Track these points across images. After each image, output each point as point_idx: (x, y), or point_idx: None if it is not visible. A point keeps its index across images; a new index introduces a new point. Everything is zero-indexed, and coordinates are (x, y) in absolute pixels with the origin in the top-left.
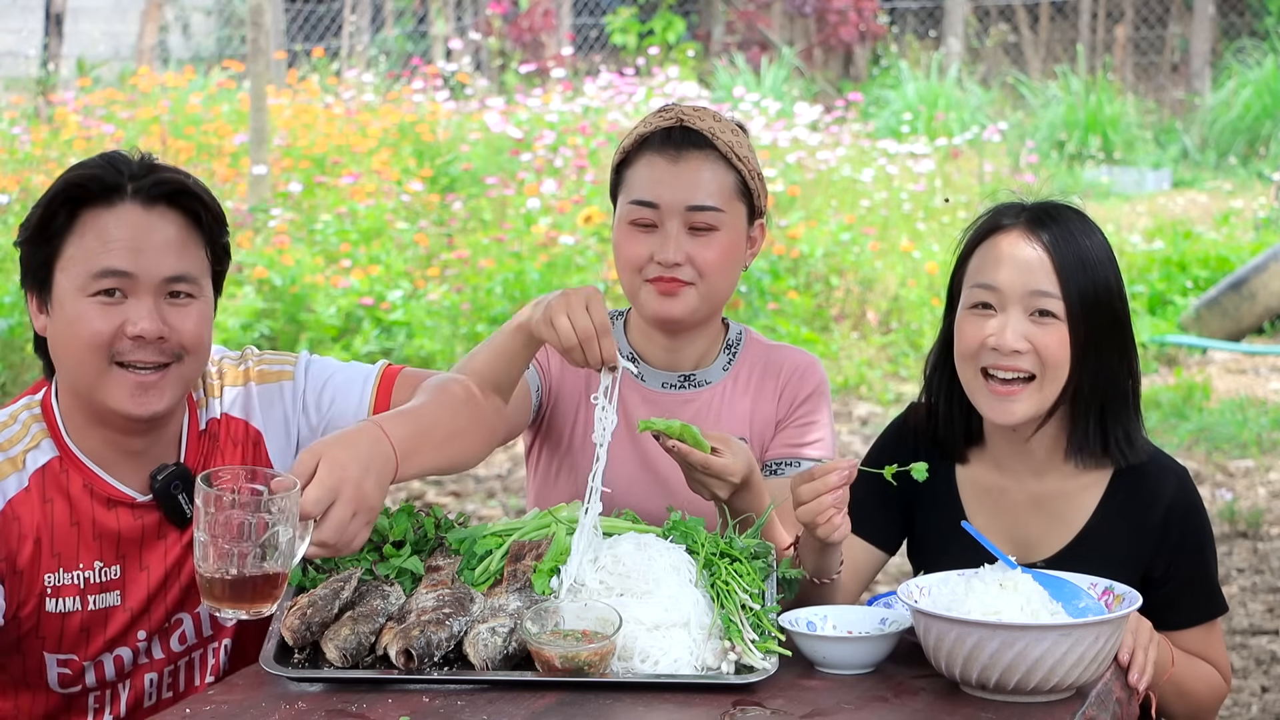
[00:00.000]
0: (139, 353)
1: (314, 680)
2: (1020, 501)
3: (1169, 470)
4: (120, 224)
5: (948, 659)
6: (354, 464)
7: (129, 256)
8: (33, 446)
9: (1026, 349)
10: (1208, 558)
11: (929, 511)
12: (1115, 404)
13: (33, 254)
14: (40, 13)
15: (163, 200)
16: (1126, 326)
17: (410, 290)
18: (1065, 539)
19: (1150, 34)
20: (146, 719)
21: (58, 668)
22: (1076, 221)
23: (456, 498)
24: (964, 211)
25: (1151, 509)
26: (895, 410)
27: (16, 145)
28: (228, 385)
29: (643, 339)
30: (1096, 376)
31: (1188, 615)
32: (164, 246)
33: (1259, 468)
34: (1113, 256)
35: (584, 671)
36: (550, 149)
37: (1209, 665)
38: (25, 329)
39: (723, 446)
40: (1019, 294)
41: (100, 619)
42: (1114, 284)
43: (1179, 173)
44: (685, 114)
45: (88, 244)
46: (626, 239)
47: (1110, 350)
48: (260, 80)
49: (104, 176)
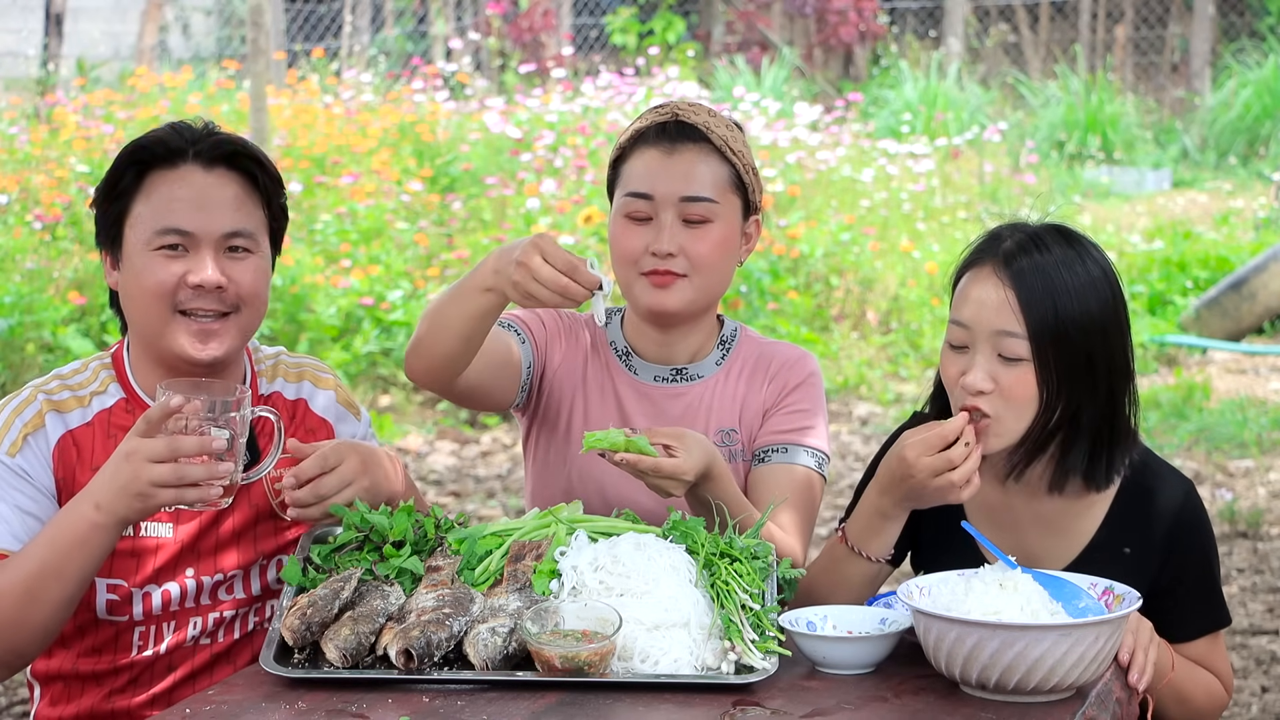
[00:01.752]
0: (199, 301)
1: (314, 680)
2: (1025, 518)
3: (1174, 484)
4: (183, 184)
5: (948, 659)
6: (370, 475)
7: (191, 214)
8: (100, 390)
9: (991, 389)
10: (1213, 570)
11: (932, 515)
12: (1099, 434)
13: (104, 214)
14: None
15: (221, 161)
16: (1115, 353)
17: (410, 290)
18: (1070, 555)
19: (1150, 34)
20: (184, 664)
21: (107, 593)
22: (1062, 250)
23: (456, 498)
24: (964, 211)
25: (1157, 523)
26: (895, 410)
27: (16, 145)
28: (292, 382)
29: (637, 333)
30: (1072, 410)
31: (1191, 627)
32: (222, 204)
33: (1259, 468)
34: (1105, 282)
35: (584, 671)
36: (550, 149)
37: (1210, 674)
38: (25, 329)
39: (676, 443)
40: (986, 333)
41: (150, 547)
42: (1097, 314)
43: (1179, 173)
44: (680, 109)
45: (153, 203)
46: (622, 231)
47: (1088, 384)
48: (260, 80)
49: (169, 141)
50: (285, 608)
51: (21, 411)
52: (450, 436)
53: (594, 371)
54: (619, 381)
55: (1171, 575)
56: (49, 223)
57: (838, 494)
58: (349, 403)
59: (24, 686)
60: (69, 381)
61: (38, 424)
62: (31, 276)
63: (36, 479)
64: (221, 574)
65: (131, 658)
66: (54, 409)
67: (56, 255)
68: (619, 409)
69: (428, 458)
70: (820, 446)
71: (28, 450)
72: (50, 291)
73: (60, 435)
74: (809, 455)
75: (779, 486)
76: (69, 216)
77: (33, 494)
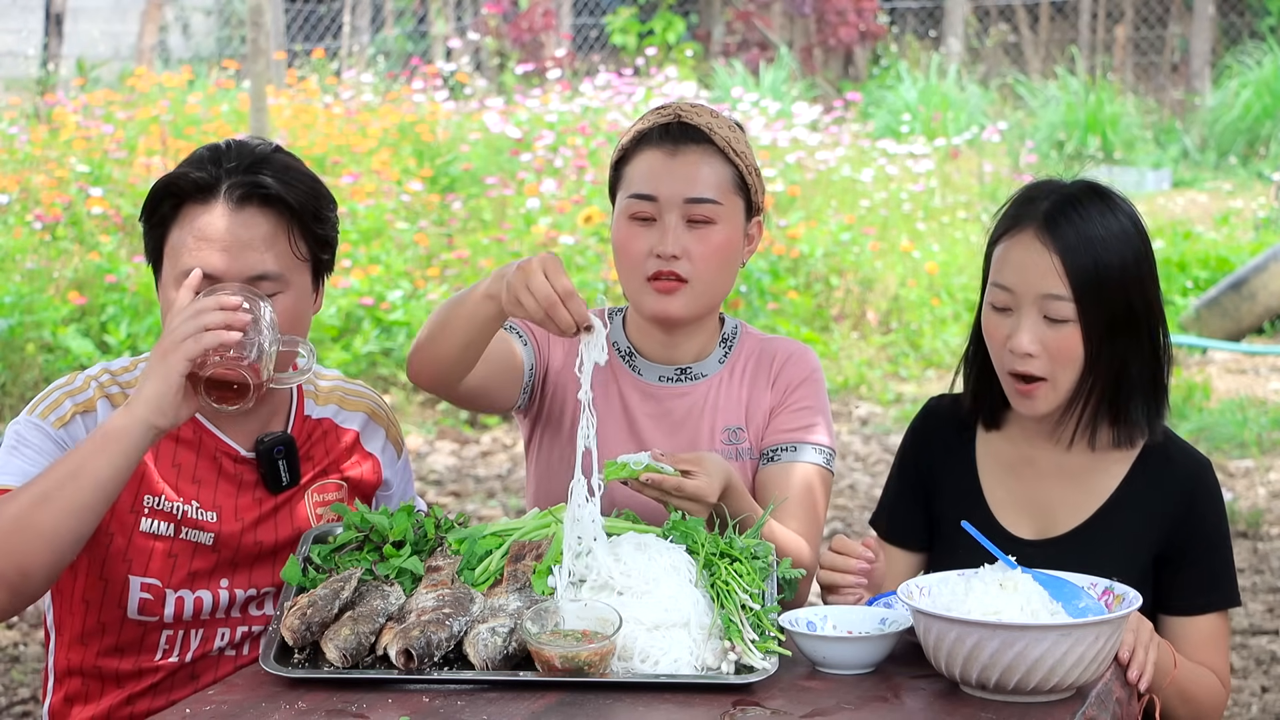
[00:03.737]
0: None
1: (314, 680)
2: (1047, 471)
3: (1194, 459)
4: (212, 224)
5: (948, 659)
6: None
7: (217, 257)
8: None
9: (1039, 352)
10: (1224, 546)
11: (947, 496)
12: (1139, 387)
13: (147, 237)
14: (40, 13)
15: (254, 202)
16: (1152, 300)
17: (410, 290)
18: (1087, 513)
19: (1150, 34)
20: (207, 674)
21: (140, 592)
22: (1096, 206)
23: (456, 498)
24: (963, 211)
25: (1172, 490)
26: (895, 410)
27: (16, 145)
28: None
29: (640, 334)
30: (1116, 365)
31: (1198, 600)
32: (250, 246)
33: (1259, 468)
34: (1135, 232)
35: (584, 671)
36: (550, 149)
37: (1210, 672)
38: (25, 329)
39: (695, 468)
40: (1031, 297)
41: (188, 549)
42: (1132, 264)
43: (1179, 173)
44: (683, 110)
45: (183, 237)
46: (626, 234)
47: (1130, 335)
48: (260, 80)
49: (202, 176)
50: (285, 608)
51: (75, 394)
52: (450, 436)
53: (597, 372)
54: (623, 382)
55: (1181, 542)
56: (49, 223)
57: (836, 494)
58: (395, 432)
59: (24, 686)
60: (120, 378)
61: (89, 406)
62: (31, 276)
63: None
64: (255, 589)
65: (155, 662)
66: (106, 397)
67: (56, 255)
68: (623, 409)
69: (428, 458)
70: (826, 442)
71: (74, 426)
72: (50, 291)
73: None
74: (816, 452)
75: (790, 486)
76: (69, 216)
77: None
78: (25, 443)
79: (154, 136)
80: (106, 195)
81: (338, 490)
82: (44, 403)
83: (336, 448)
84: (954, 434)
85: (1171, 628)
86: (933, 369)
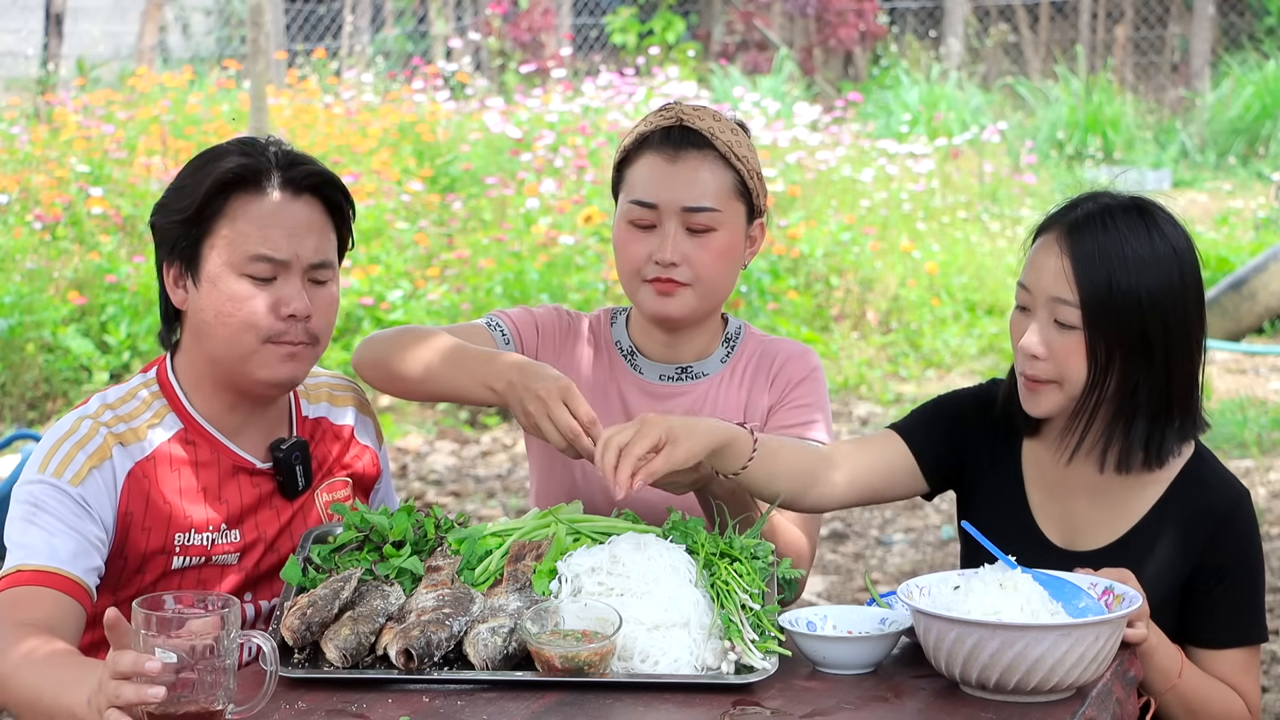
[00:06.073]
0: (287, 329)
1: (314, 680)
2: (1080, 487)
3: (1231, 489)
4: (274, 212)
5: (948, 659)
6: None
7: (283, 243)
8: (156, 422)
9: (1044, 354)
10: (1254, 582)
11: (990, 478)
12: (1144, 414)
13: (181, 232)
14: (40, 13)
15: (308, 190)
16: (1174, 333)
17: (410, 290)
18: (1117, 533)
19: (1150, 34)
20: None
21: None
22: (1134, 225)
23: (456, 498)
24: (963, 211)
25: (1205, 519)
26: (895, 410)
27: (16, 145)
28: (334, 404)
29: (642, 333)
30: (1126, 386)
31: (1224, 634)
32: (310, 232)
33: (1259, 468)
34: (1173, 260)
35: (584, 671)
36: (550, 149)
37: (1232, 691)
38: (25, 329)
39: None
40: (1044, 299)
41: (217, 574)
42: (1156, 291)
43: (1179, 173)
44: (685, 113)
45: (240, 227)
46: (626, 238)
47: (1143, 360)
48: (260, 80)
49: (250, 162)
50: (285, 608)
51: (85, 445)
52: (450, 436)
53: (598, 371)
54: (624, 381)
55: (1209, 574)
56: (49, 223)
57: None
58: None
59: None
60: (120, 411)
61: (104, 456)
62: (31, 276)
63: (96, 510)
64: (278, 599)
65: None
66: (118, 442)
67: (56, 255)
68: (624, 408)
69: (428, 458)
70: (825, 440)
71: (91, 482)
72: (50, 291)
73: (129, 469)
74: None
75: None
76: (69, 216)
77: (91, 523)
78: (44, 508)
79: (154, 136)
80: (107, 195)
81: (345, 487)
82: (54, 459)
83: (337, 444)
84: (1001, 425)
85: (1196, 659)
86: (933, 369)
